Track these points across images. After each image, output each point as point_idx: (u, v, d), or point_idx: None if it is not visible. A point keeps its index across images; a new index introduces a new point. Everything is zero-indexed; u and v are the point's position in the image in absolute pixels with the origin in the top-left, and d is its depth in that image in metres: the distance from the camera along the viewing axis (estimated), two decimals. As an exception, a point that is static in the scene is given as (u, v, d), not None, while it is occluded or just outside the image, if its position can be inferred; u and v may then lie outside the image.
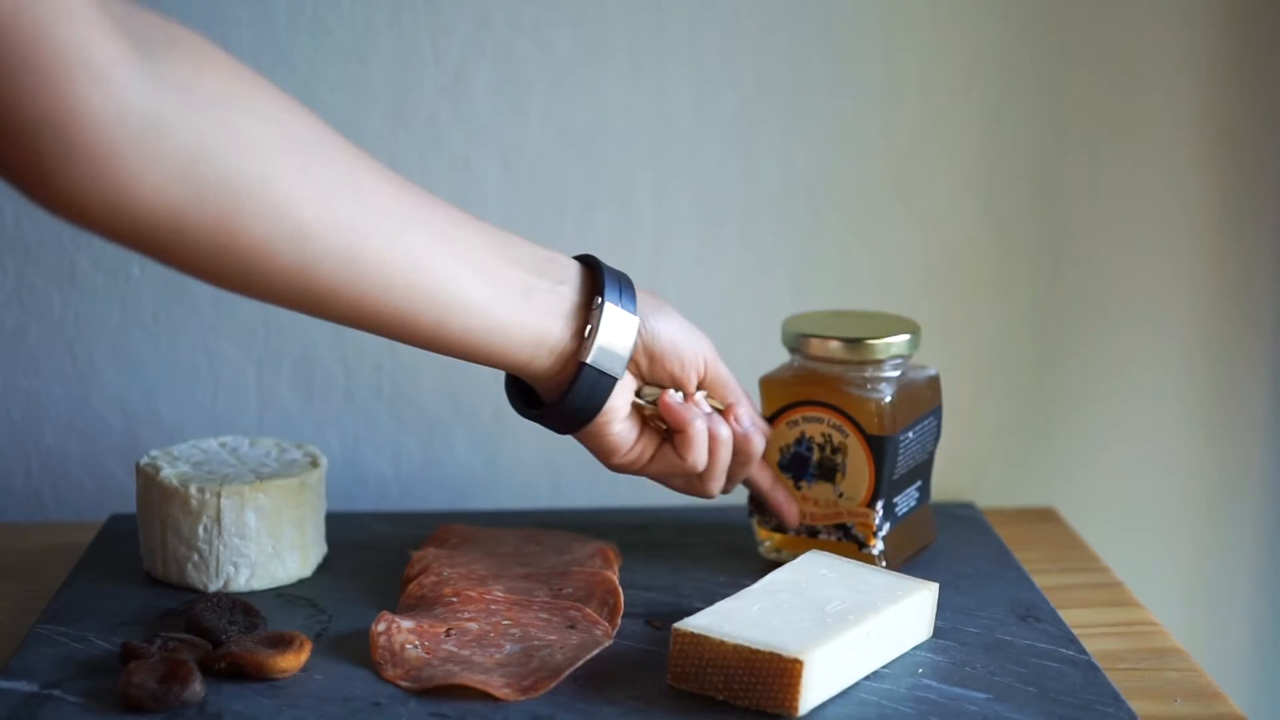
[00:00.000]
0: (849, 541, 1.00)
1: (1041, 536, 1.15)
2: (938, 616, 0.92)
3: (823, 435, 0.99)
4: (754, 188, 1.20)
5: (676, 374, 0.94)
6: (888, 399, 0.98)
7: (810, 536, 1.01)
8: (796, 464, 1.00)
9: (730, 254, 1.21)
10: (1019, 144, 1.21)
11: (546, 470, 1.22)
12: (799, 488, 1.01)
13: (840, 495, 1.00)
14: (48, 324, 1.18)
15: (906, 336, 0.99)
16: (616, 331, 0.89)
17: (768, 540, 1.03)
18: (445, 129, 1.17)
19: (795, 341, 1.01)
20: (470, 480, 1.22)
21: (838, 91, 1.19)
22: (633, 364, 0.93)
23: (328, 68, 1.16)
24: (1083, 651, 0.91)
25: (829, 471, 1.00)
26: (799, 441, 1.00)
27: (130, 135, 0.68)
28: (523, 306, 0.87)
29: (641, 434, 0.95)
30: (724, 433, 0.95)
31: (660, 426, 0.95)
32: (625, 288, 0.90)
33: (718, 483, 0.96)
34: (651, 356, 0.93)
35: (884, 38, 1.19)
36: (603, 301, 0.89)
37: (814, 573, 0.91)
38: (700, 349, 0.94)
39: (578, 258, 0.91)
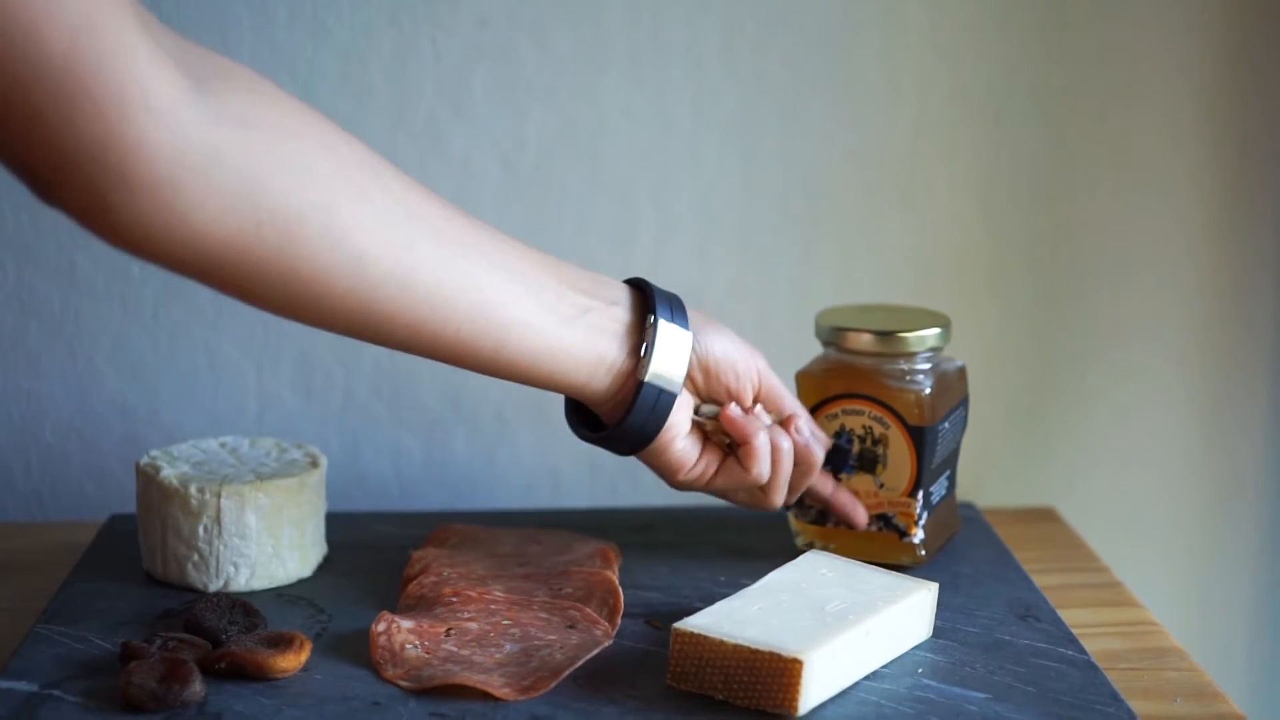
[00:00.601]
0: (890, 531, 1.01)
1: (1041, 536, 1.15)
2: (937, 616, 0.92)
3: (863, 427, 1.00)
4: (754, 188, 1.20)
5: (733, 387, 0.94)
6: (927, 390, 0.99)
7: (850, 528, 1.01)
8: (836, 456, 1.01)
9: (730, 254, 1.21)
10: (1017, 144, 1.21)
11: (546, 470, 1.23)
12: (838, 479, 1.01)
13: (881, 486, 1.00)
14: (48, 324, 1.18)
15: (940, 329, 1.01)
16: (672, 347, 0.90)
17: (804, 532, 1.04)
18: (445, 129, 1.17)
19: (831, 335, 1.01)
20: (470, 480, 1.22)
21: (837, 92, 1.19)
22: (689, 380, 0.93)
23: (328, 68, 1.16)
24: (1082, 651, 0.91)
25: (870, 463, 1.00)
26: (839, 434, 1.01)
27: (190, 167, 0.69)
28: (579, 326, 0.87)
29: (704, 450, 0.95)
30: (785, 444, 0.95)
31: (723, 441, 0.96)
32: (676, 306, 0.91)
33: (781, 493, 0.96)
34: (707, 371, 0.93)
35: (882, 38, 1.19)
36: (656, 319, 0.89)
37: (814, 572, 0.92)
38: (753, 362, 0.95)
39: (626, 281, 0.92)
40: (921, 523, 1.01)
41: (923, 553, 1.01)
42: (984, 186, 1.22)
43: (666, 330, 0.89)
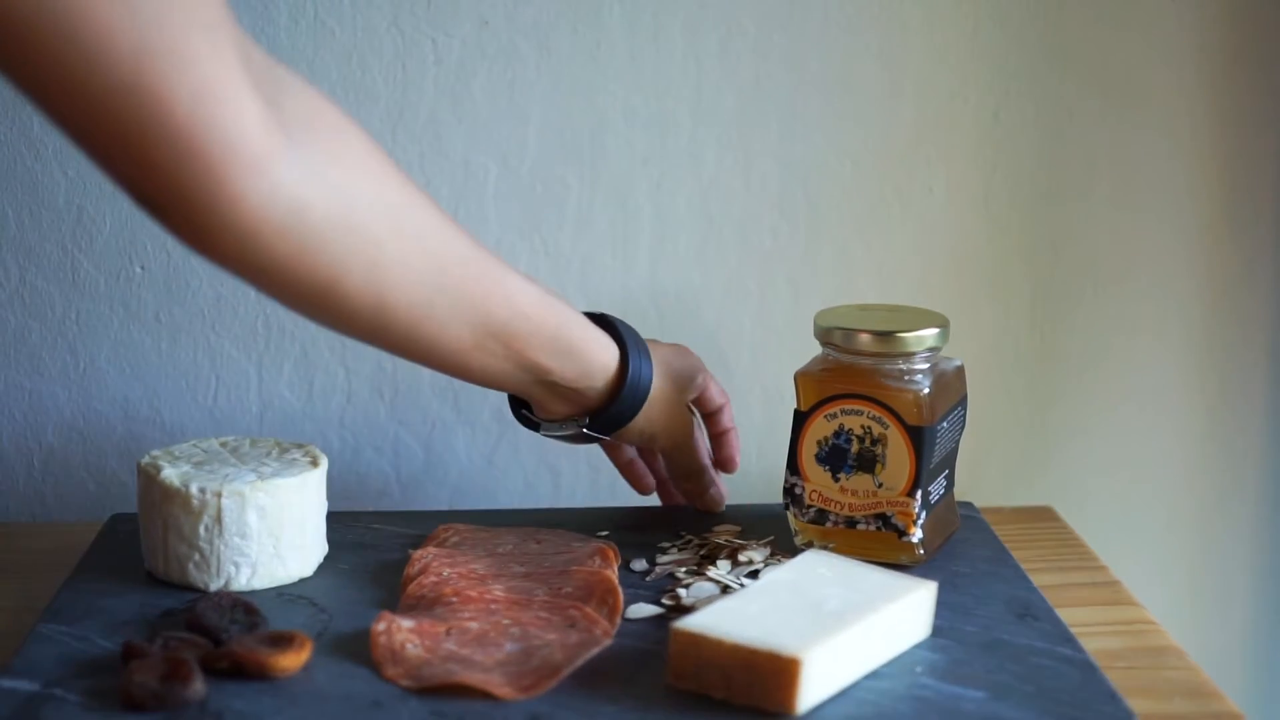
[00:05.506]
0: (889, 531, 1.01)
1: (1039, 535, 1.15)
2: (936, 615, 0.92)
3: (862, 427, 1.00)
4: (753, 188, 1.20)
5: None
6: (926, 390, 0.99)
7: (849, 527, 1.02)
8: (835, 456, 1.01)
9: (730, 254, 1.21)
10: (1016, 144, 1.21)
11: (546, 470, 1.23)
12: (836, 479, 1.02)
13: (880, 485, 1.01)
14: (50, 324, 1.19)
15: (938, 329, 1.01)
16: (576, 438, 1.04)
17: (803, 532, 1.04)
18: (445, 129, 1.18)
19: (830, 335, 1.02)
20: (470, 480, 1.22)
21: (836, 92, 1.19)
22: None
23: (329, 69, 1.16)
24: (1080, 650, 0.91)
25: (868, 463, 1.01)
26: (838, 434, 1.01)
27: (274, 221, 0.78)
28: (534, 391, 0.99)
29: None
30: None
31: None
32: (621, 421, 1.02)
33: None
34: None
35: (881, 39, 1.19)
36: (583, 428, 1.02)
37: (812, 571, 0.92)
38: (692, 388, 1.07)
39: (609, 328, 1.02)
40: (920, 522, 1.01)
41: (921, 552, 1.01)
42: (983, 186, 1.22)
43: (583, 439, 1.04)
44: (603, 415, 1.01)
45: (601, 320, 1.02)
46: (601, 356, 0.99)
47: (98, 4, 0.70)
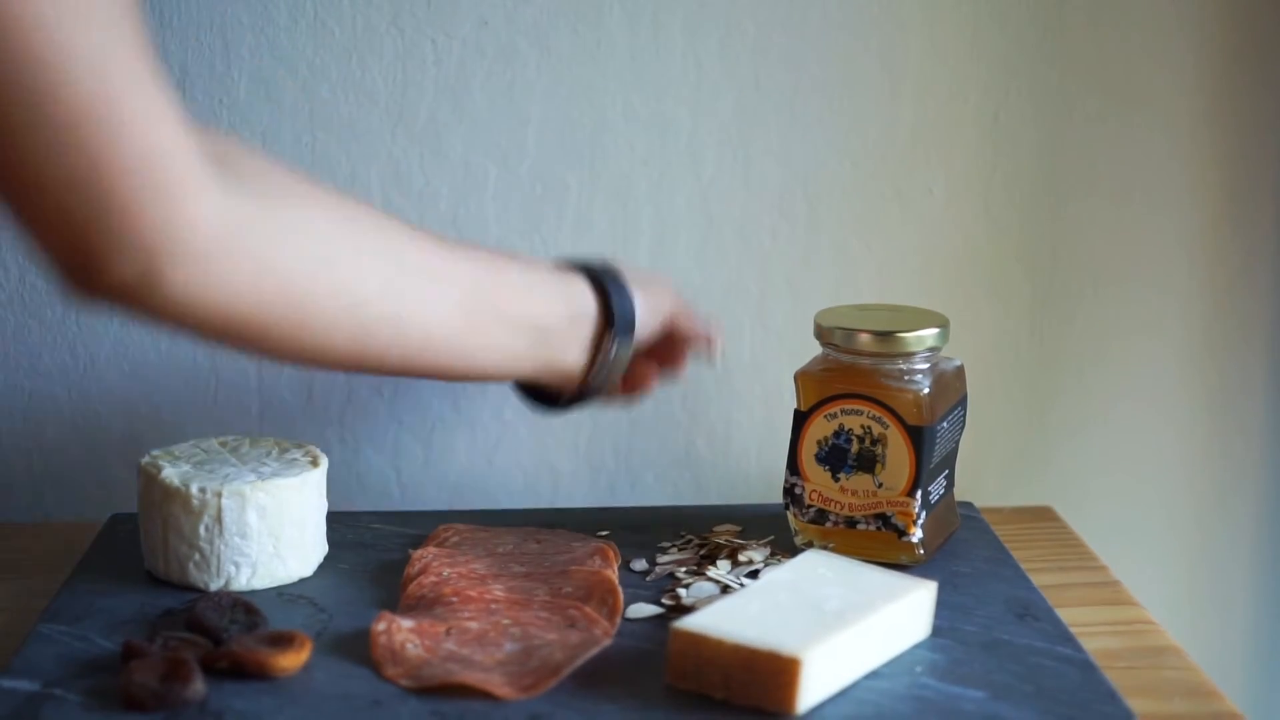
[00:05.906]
0: (888, 531, 1.01)
1: (1039, 535, 1.15)
2: (936, 615, 0.93)
3: (862, 427, 1.01)
4: (753, 188, 1.20)
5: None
6: (926, 390, 0.99)
7: (849, 527, 1.02)
8: (835, 456, 1.01)
9: (729, 254, 1.21)
10: (1016, 145, 1.21)
11: (546, 470, 1.23)
12: (836, 479, 1.02)
13: (880, 485, 1.01)
14: (49, 324, 1.18)
15: (938, 329, 1.01)
16: (618, 359, 0.98)
17: (803, 531, 1.04)
18: (445, 130, 1.18)
19: (830, 335, 1.02)
20: (470, 480, 1.22)
21: (836, 92, 1.20)
22: None
23: (328, 69, 1.16)
24: (1080, 650, 0.91)
25: (868, 462, 1.01)
26: (838, 434, 1.01)
27: (222, 239, 0.77)
28: (542, 349, 0.95)
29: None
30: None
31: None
32: (629, 309, 0.98)
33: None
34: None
35: (881, 39, 1.19)
36: (614, 339, 0.97)
37: (812, 571, 0.92)
38: (657, 317, 1.02)
39: (583, 267, 0.99)
40: (920, 522, 1.01)
41: (921, 552, 1.01)
42: (983, 187, 1.22)
43: (620, 345, 0.98)
44: (613, 325, 0.97)
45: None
46: (571, 277, 0.97)
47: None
